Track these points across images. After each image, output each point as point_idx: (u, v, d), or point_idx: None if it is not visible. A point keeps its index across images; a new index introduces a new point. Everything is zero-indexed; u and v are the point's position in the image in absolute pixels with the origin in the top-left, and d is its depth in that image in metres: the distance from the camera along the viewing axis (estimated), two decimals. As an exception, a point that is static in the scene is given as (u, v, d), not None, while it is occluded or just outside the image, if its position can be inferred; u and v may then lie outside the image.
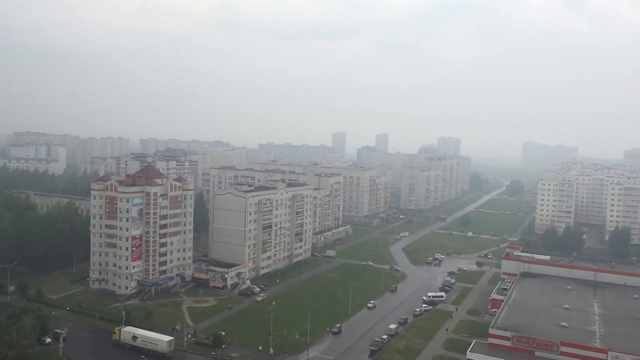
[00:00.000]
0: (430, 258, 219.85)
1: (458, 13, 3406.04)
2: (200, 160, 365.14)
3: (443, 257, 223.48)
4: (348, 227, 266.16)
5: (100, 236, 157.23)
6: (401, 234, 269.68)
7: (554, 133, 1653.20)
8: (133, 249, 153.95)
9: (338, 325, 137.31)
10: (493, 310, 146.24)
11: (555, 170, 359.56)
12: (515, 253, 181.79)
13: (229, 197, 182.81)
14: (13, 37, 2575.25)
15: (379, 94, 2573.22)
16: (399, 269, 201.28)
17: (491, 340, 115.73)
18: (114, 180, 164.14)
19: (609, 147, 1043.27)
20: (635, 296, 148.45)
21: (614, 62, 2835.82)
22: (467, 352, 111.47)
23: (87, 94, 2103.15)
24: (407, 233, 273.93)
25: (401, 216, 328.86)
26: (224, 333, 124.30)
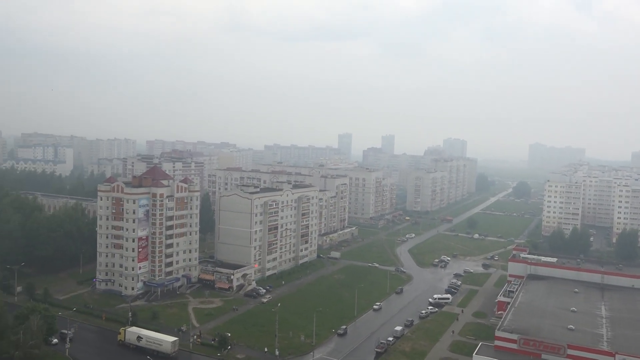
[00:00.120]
0: (437, 260, 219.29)
1: (465, 14, 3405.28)
2: (207, 162, 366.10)
3: (449, 259, 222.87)
4: (354, 228, 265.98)
5: (107, 237, 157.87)
6: (407, 235, 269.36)
7: (560, 134, 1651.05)
8: (139, 250, 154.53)
9: (344, 327, 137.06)
10: (499, 312, 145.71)
11: (562, 172, 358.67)
12: (522, 255, 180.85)
13: (235, 198, 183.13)
14: (15, 38, 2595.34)
15: (385, 95, 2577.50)
16: (404, 270, 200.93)
17: (497, 342, 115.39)
18: (120, 181, 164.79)
19: (617, 149, 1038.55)
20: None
21: (622, 63, 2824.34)
22: (473, 354, 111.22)
23: (89, 95, 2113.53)
24: (413, 235, 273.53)
25: (407, 218, 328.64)
26: (229, 334, 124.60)
